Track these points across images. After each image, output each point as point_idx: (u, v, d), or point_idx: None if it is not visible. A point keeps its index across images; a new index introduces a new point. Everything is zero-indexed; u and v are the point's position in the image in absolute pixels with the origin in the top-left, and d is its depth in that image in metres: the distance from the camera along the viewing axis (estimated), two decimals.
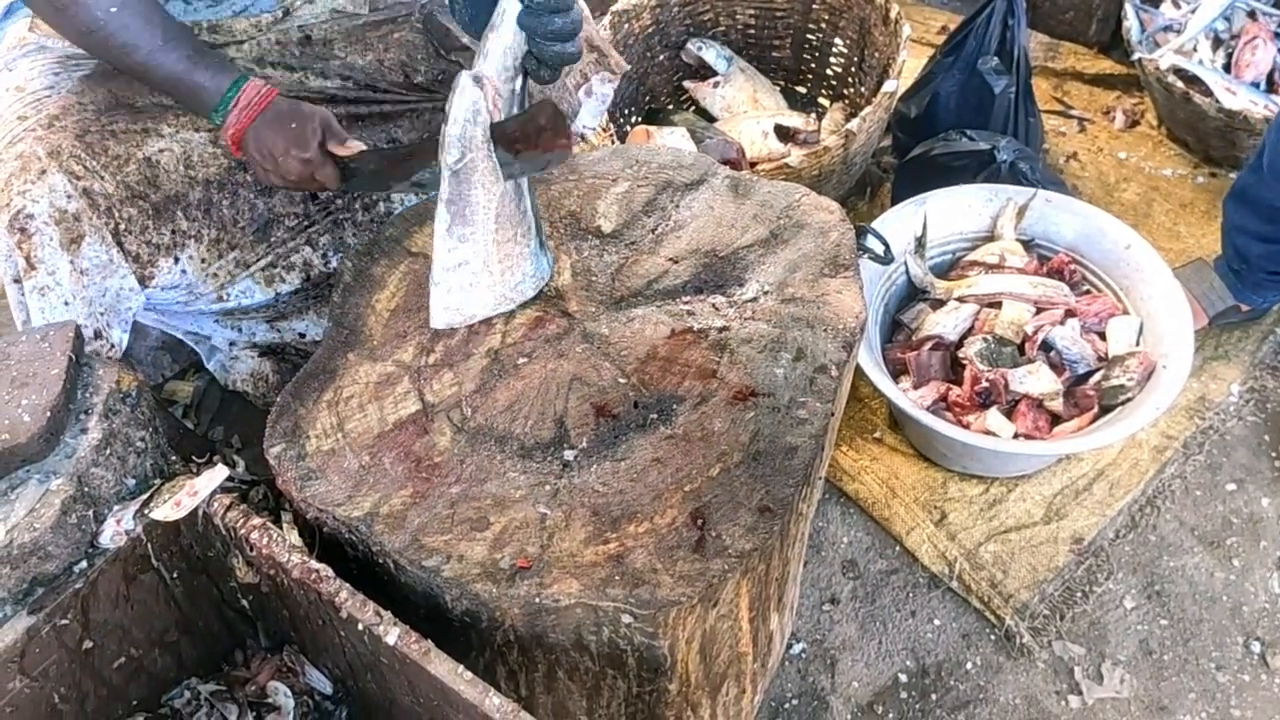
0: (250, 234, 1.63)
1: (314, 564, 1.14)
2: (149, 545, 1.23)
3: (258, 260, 1.65)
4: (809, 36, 2.67)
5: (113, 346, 1.52)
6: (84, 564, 1.19)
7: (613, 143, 2.28)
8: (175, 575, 1.28)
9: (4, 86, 1.54)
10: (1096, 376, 1.85)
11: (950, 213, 2.08)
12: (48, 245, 1.43)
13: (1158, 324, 1.87)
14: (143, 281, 1.53)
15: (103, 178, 1.47)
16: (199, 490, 1.23)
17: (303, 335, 1.81)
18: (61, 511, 1.15)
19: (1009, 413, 1.86)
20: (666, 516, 1.10)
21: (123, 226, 1.49)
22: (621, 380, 1.24)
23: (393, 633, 1.08)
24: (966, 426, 1.85)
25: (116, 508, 1.23)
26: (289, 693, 1.33)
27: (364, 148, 1.45)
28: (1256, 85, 2.37)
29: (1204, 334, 2.07)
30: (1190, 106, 2.34)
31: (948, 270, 2.10)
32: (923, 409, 1.81)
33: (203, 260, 1.59)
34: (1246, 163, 2.00)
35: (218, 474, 1.24)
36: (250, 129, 1.43)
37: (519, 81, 1.29)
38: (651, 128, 2.41)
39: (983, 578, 1.81)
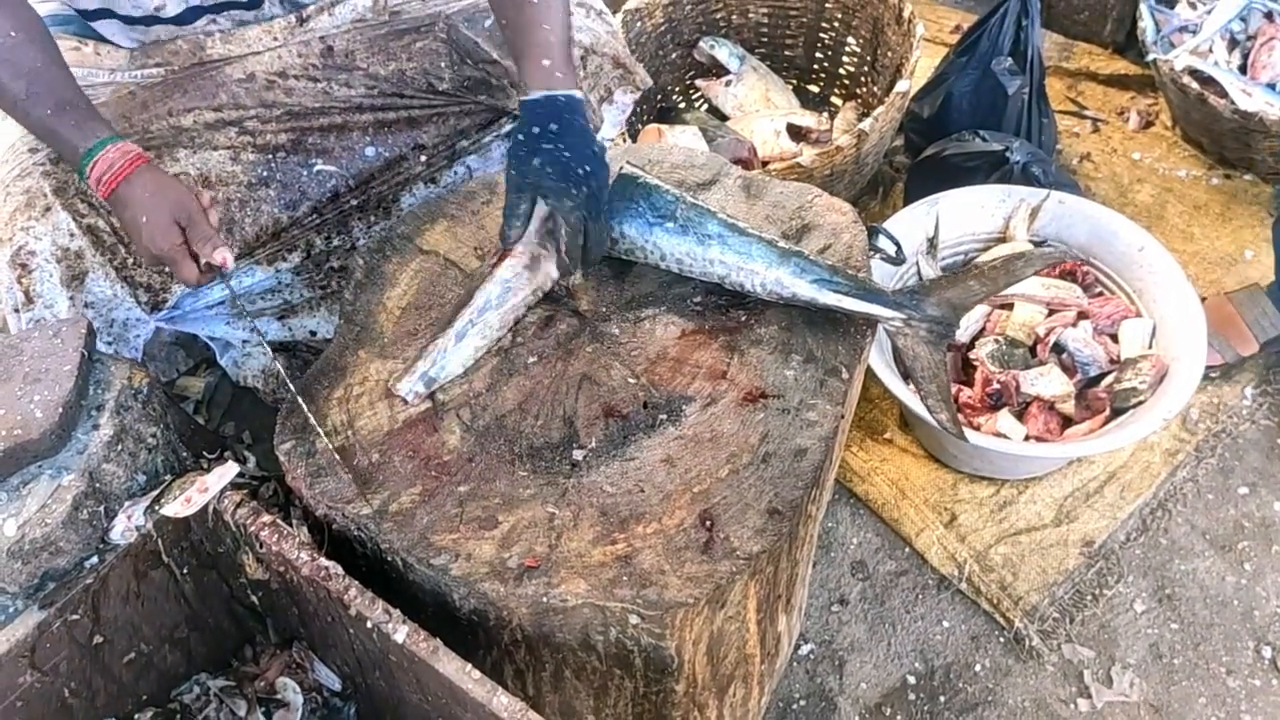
0: (273, 244, 1.64)
1: (323, 561, 1.15)
2: (159, 541, 1.23)
3: (265, 251, 1.66)
4: (822, 35, 2.67)
5: None
6: (95, 560, 1.20)
7: (625, 142, 2.27)
8: (185, 571, 1.29)
9: None
10: (1108, 379, 1.85)
11: (963, 213, 2.07)
12: (47, 281, 1.44)
13: (1170, 327, 1.86)
14: (155, 308, 1.53)
15: (109, 213, 1.47)
16: (209, 487, 1.23)
17: (314, 333, 1.82)
18: (73, 507, 1.16)
19: (1020, 415, 1.86)
20: (675, 517, 1.10)
21: (131, 261, 1.49)
22: (631, 380, 1.24)
23: (401, 631, 1.08)
24: (977, 428, 1.84)
25: (127, 504, 1.23)
26: (298, 689, 1.33)
27: (230, 263, 1.34)
28: (1272, 87, 2.35)
29: (1257, 360, 2.06)
30: (1205, 108, 2.32)
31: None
32: None
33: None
34: None
35: (228, 470, 1.24)
36: (110, 201, 1.35)
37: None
38: (663, 126, 2.41)
39: (992, 580, 1.81)
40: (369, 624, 1.10)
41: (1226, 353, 2.02)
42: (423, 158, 1.72)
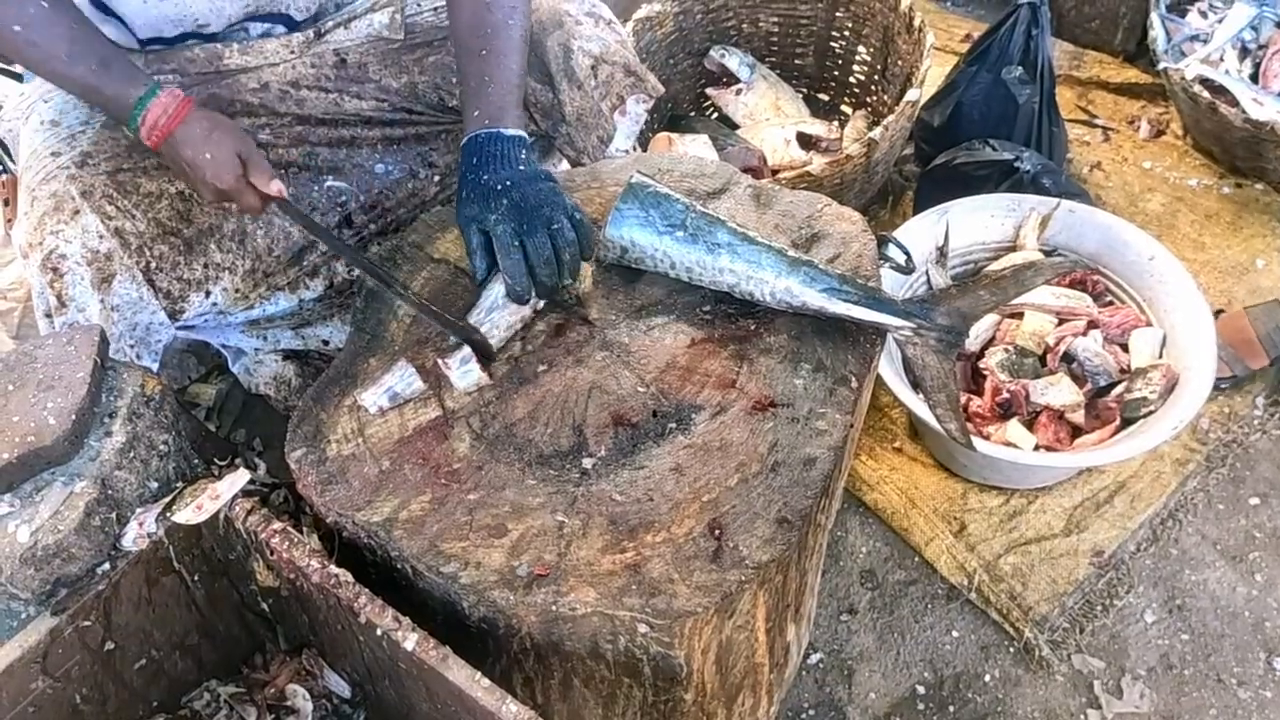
0: (285, 261, 1.64)
1: (333, 569, 1.15)
2: (171, 548, 1.24)
3: (287, 280, 1.67)
4: (832, 44, 2.67)
5: None
6: (106, 566, 1.20)
7: (635, 150, 2.28)
8: (196, 578, 1.29)
9: (40, 119, 1.55)
10: (1119, 388, 1.84)
11: (973, 222, 2.07)
12: (79, 284, 1.45)
13: (1181, 336, 1.85)
14: (173, 316, 1.54)
15: (134, 216, 1.48)
16: (221, 494, 1.24)
17: (326, 342, 1.82)
18: (85, 514, 1.17)
19: (1030, 424, 1.85)
20: (684, 526, 1.10)
21: (154, 264, 1.50)
22: (640, 389, 1.24)
23: (411, 638, 1.09)
24: (987, 437, 1.84)
25: (139, 510, 1.24)
26: (307, 696, 1.34)
27: (285, 193, 1.43)
28: None
29: (1265, 374, 2.06)
30: (1216, 117, 2.32)
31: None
32: None
33: (236, 290, 1.60)
34: None
35: (239, 477, 1.25)
36: (165, 146, 1.40)
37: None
38: (673, 135, 2.41)
39: (1002, 590, 1.80)
40: (379, 631, 1.11)
41: (1236, 366, 2.01)
42: (436, 178, 1.73)
